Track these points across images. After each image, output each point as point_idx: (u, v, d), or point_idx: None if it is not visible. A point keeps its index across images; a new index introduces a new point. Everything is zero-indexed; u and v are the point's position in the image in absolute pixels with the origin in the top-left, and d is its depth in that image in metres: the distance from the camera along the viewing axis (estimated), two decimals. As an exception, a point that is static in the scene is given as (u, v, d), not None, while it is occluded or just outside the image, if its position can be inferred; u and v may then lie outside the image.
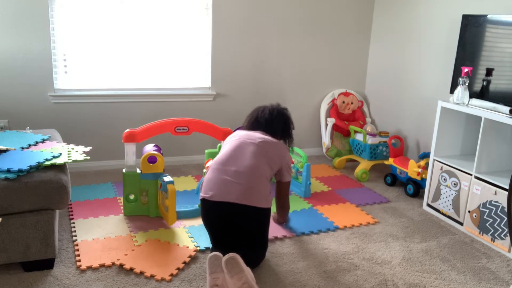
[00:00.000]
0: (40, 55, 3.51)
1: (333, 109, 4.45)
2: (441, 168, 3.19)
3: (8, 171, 2.22)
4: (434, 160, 3.26)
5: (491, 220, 2.82)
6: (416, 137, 4.04)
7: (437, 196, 3.25)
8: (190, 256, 2.54)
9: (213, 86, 4.09)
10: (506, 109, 2.81)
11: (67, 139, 3.68)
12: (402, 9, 4.11)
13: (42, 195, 2.22)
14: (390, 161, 3.81)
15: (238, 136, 2.66)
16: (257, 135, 2.63)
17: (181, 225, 2.92)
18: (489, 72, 3.02)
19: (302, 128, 4.49)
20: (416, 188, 3.55)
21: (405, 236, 2.93)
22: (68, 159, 2.43)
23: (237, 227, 2.43)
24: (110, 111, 3.81)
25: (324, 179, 3.91)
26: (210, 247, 2.57)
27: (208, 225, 2.50)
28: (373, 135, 4.00)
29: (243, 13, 4.03)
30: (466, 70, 3.00)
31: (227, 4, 3.95)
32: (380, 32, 4.42)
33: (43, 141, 2.76)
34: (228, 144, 2.63)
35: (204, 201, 2.47)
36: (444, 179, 3.17)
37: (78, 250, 2.56)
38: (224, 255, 2.17)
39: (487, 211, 2.84)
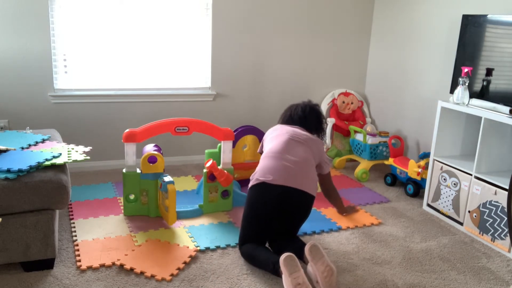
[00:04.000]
0: (40, 55, 3.51)
1: (333, 109, 4.45)
2: (441, 168, 3.19)
3: (8, 171, 2.22)
4: (434, 160, 3.26)
5: (491, 220, 2.82)
6: (416, 137, 4.04)
7: (437, 196, 3.25)
8: (190, 256, 2.54)
9: (213, 86, 4.09)
10: (506, 109, 2.81)
11: (67, 139, 3.68)
12: (402, 9, 4.11)
13: (42, 195, 2.22)
14: (390, 161, 3.81)
15: (284, 131, 2.77)
16: (300, 132, 2.78)
17: (181, 225, 2.92)
18: (489, 72, 3.02)
19: (302, 128, 4.49)
20: (416, 188, 3.55)
21: (405, 236, 2.93)
22: (68, 159, 2.43)
23: (290, 214, 2.55)
24: (110, 111, 3.81)
25: (324, 179, 3.90)
26: (246, 245, 2.54)
27: (258, 210, 2.53)
28: (373, 135, 4.00)
29: (243, 13, 4.03)
30: (466, 70, 3.00)
31: (227, 4, 3.95)
32: (380, 32, 4.42)
33: (43, 141, 2.76)
34: (275, 138, 2.75)
35: (261, 185, 2.53)
36: (444, 179, 3.17)
37: (78, 250, 2.56)
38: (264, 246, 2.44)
39: (487, 211, 2.84)
